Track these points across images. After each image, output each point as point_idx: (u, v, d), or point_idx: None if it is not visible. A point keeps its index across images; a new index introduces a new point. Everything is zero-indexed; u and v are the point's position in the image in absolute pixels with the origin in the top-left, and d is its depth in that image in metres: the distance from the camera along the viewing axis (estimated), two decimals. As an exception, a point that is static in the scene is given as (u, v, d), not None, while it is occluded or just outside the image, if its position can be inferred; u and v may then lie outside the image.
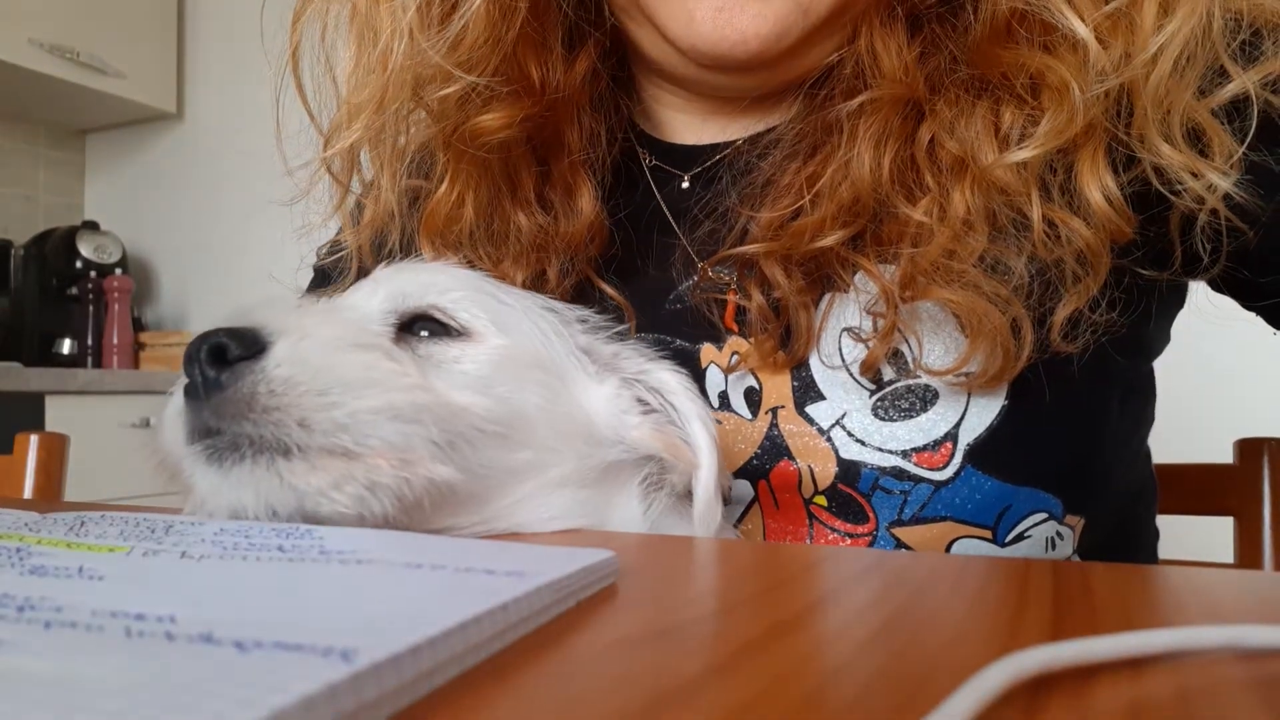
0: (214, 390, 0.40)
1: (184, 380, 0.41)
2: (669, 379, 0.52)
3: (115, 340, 2.60)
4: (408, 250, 0.65)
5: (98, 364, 2.62)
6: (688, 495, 0.51)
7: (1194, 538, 0.90)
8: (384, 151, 0.64)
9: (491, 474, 0.45)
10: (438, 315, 0.48)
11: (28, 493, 0.98)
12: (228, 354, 0.40)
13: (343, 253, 0.68)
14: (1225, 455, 0.86)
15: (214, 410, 0.40)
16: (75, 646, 0.22)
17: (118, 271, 2.69)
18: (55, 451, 1.01)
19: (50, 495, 0.99)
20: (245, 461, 0.40)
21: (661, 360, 0.54)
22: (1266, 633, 0.25)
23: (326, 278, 0.69)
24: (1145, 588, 0.35)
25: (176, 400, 0.42)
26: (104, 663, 0.20)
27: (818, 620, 0.29)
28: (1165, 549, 0.73)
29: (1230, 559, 0.84)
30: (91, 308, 2.63)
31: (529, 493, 0.46)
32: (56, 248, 2.66)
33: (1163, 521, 0.73)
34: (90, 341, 2.64)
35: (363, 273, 0.67)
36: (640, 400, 0.52)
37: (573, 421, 0.50)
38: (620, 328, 0.56)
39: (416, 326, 0.48)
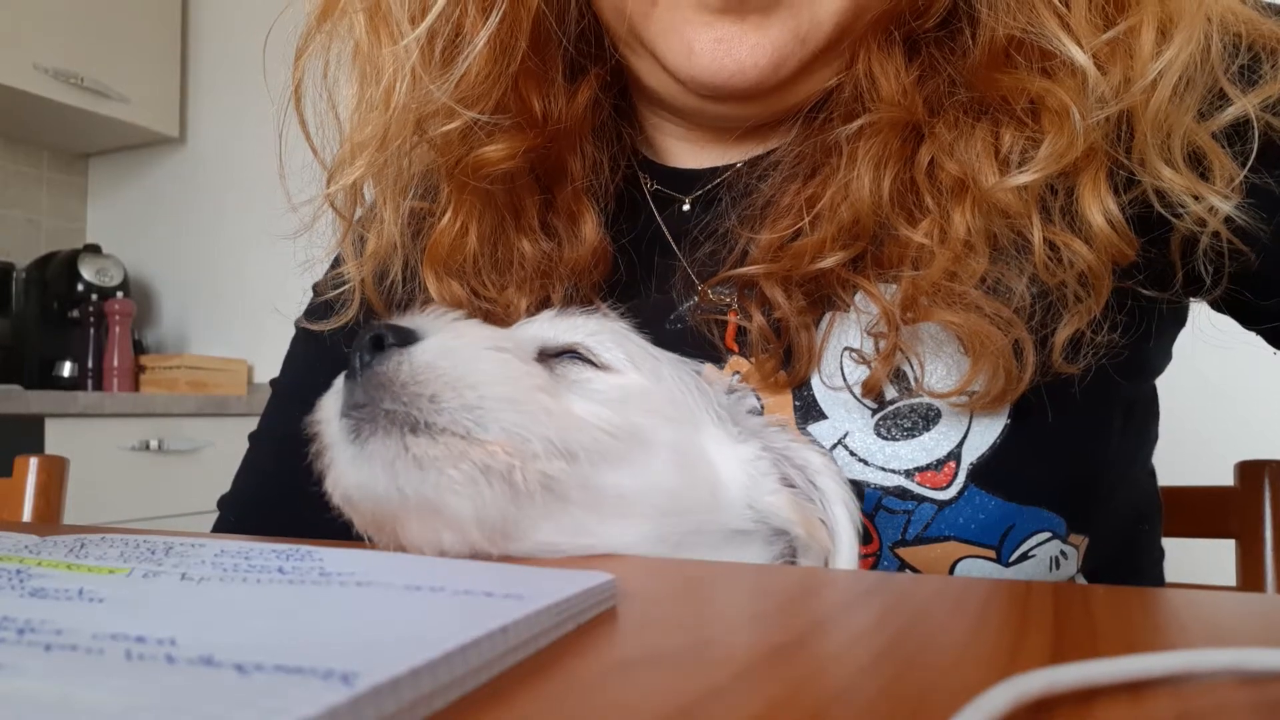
0: (366, 369, 0.44)
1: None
2: (815, 459, 0.51)
3: (116, 363, 2.60)
4: (411, 280, 0.65)
5: (98, 387, 2.62)
6: None
7: (1196, 560, 0.89)
8: (386, 186, 0.65)
9: (606, 498, 0.45)
10: (581, 351, 0.50)
11: (27, 515, 0.98)
12: (384, 342, 0.44)
13: (345, 286, 0.68)
14: (1226, 475, 0.85)
15: (363, 386, 0.44)
16: (76, 669, 0.22)
17: (119, 295, 2.69)
18: (55, 474, 1.01)
19: (50, 518, 0.99)
20: (378, 434, 0.43)
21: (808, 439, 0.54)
22: (1269, 656, 0.25)
23: (329, 308, 0.69)
24: (1147, 610, 0.35)
25: (338, 382, 0.47)
26: (104, 685, 0.20)
27: (819, 643, 0.29)
28: (1167, 572, 0.73)
29: (1232, 582, 0.83)
30: (92, 331, 2.63)
31: (645, 533, 0.46)
32: (58, 271, 2.66)
33: (1164, 544, 0.73)
34: (91, 364, 2.63)
35: (365, 304, 0.67)
36: (783, 477, 0.51)
37: (697, 469, 0.49)
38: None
39: (563, 357, 0.50)
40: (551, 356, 0.50)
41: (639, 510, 0.46)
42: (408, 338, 0.45)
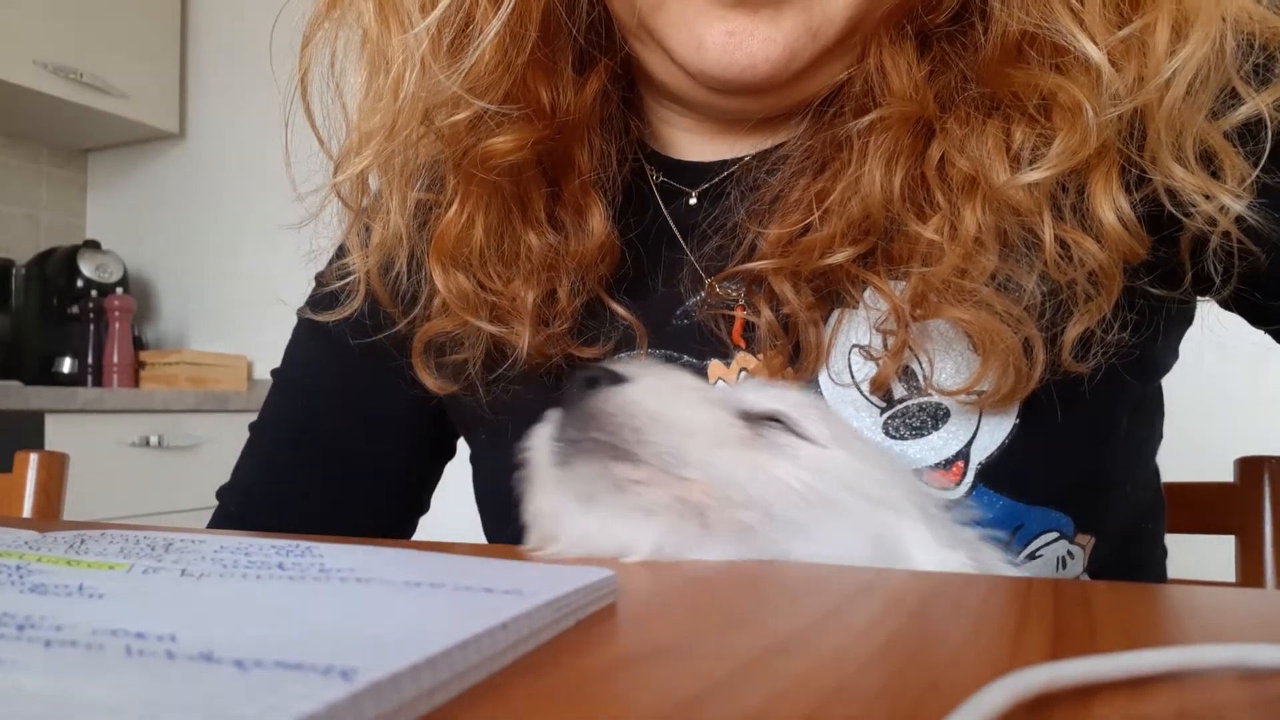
0: (578, 404, 0.47)
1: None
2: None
3: (116, 359, 2.60)
4: (416, 272, 0.65)
5: (98, 383, 2.62)
6: None
7: (1195, 556, 0.89)
8: (393, 176, 0.64)
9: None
10: (784, 419, 0.50)
11: (27, 511, 0.98)
12: (598, 382, 0.47)
13: (351, 277, 0.67)
14: (1226, 472, 0.85)
15: (575, 418, 0.47)
16: (75, 665, 0.22)
17: (119, 291, 2.69)
18: (55, 470, 1.01)
19: (50, 514, 0.99)
20: (583, 459, 0.46)
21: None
22: (1269, 652, 0.25)
23: (334, 299, 0.69)
24: (1146, 606, 0.35)
25: (550, 414, 0.49)
26: (104, 681, 0.20)
27: (818, 639, 0.29)
28: (1166, 567, 0.73)
29: (1232, 578, 0.83)
30: (92, 327, 2.63)
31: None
32: (58, 267, 2.66)
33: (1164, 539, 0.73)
34: (91, 360, 2.63)
35: (370, 295, 0.67)
36: None
37: (892, 563, 0.47)
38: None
39: (766, 422, 0.50)
40: (754, 419, 0.50)
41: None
42: (616, 378, 0.48)
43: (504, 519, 0.67)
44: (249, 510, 0.74)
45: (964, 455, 0.56)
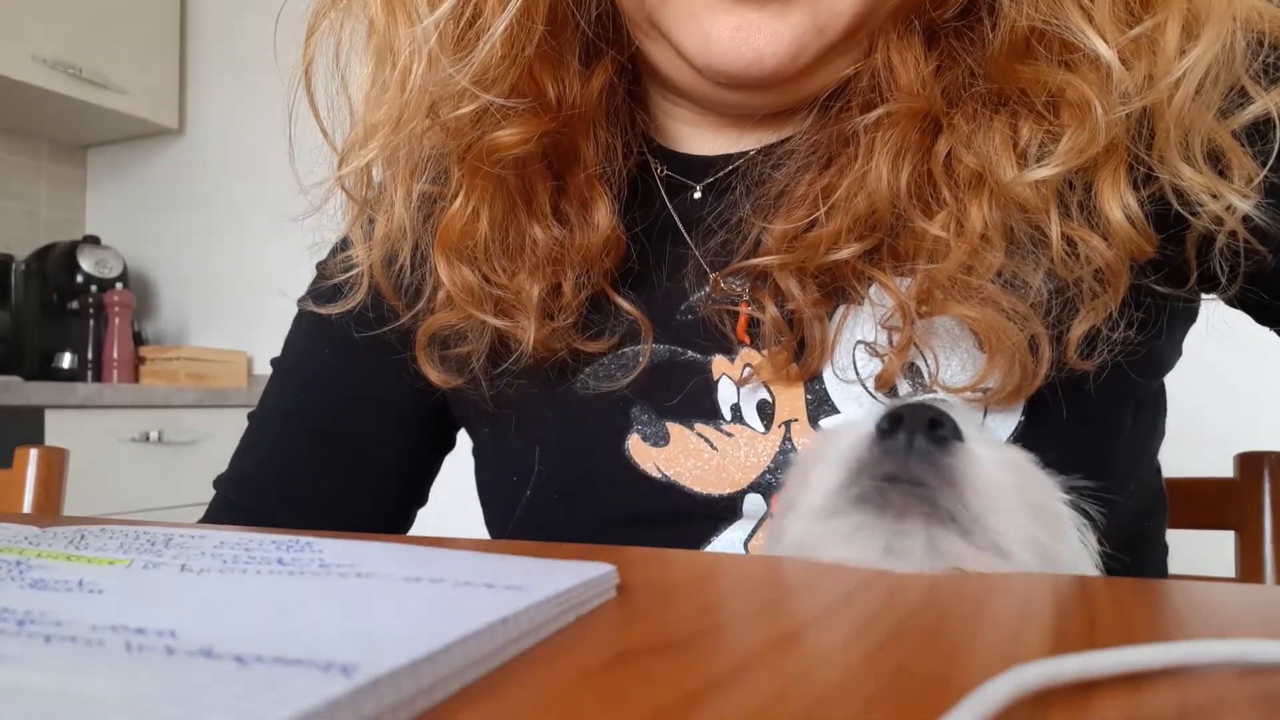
0: (924, 453, 0.44)
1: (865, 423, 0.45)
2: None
3: (115, 355, 2.60)
4: (421, 265, 0.65)
5: (98, 378, 2.62)
6: None
7: (1195, 552, 0.89)
8: (398, 168, 0.64)
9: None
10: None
11: (27, 507, 0.98)
12: (942, 428, 0.44)
13: (355, 270, 0.67)
14: (1226, 468, 0.85)
15: (914, 463, 0.43)
16: (75, 661, 0.22)
17: (118, 286, 2.68)
18: (55, 466, 1.01)
19: (50, 509, 0.99)
20: (913, 516, 0.42)
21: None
22: (1268, 648, 0.25)
23: (337, 291, 0.69)
24: (1146, 602, 0.35)
25: (861, 437, 0.45)
26: (104, 677, 0.20)
27: (819, 634, 0.29)
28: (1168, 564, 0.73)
29: (1231, 573, 0.83)
30: (92, 322, 2.63)
31: None
32: (57, 262, 2.66)
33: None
34: (90, 356, 2.63)
35: (374, 287, 0.67)
36: None
37: None
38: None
39: None
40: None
41: None
42: (941, 426, 0.44)
43: (506, 513, 0.67)
44: (246, 499, 0.74)
45: None
